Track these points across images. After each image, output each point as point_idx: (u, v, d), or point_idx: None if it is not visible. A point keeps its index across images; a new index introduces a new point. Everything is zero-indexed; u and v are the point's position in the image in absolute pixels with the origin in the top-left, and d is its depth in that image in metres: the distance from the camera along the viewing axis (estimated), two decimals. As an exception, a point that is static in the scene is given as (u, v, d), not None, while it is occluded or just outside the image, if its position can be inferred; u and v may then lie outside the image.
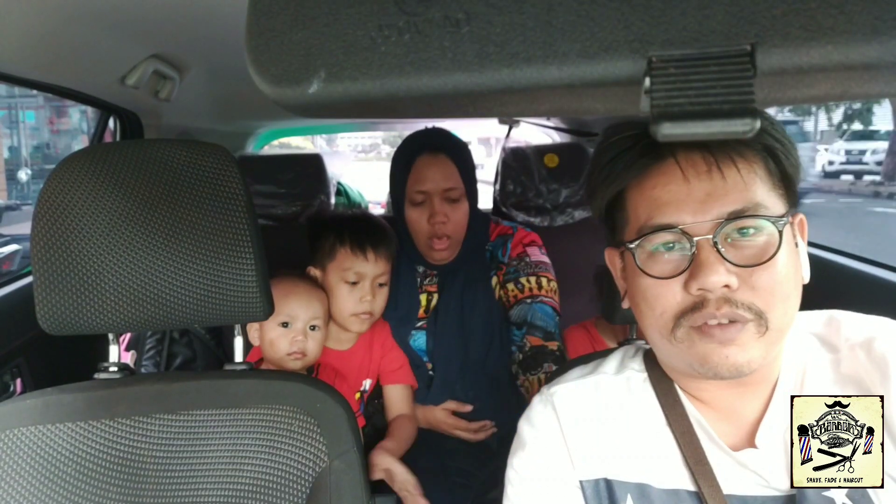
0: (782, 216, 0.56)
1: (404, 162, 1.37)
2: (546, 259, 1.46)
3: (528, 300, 1.39)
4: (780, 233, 0.54)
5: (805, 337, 0.63)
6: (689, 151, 0.56)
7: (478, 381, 1.37)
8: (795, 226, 0.60)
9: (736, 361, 0.54)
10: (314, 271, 1.30)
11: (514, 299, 1.40)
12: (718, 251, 0.54)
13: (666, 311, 0.57)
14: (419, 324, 1.40)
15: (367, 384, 1.34)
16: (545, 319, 1.36)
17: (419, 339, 1.40)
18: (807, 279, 0.59)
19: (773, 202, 0.56)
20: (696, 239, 0.55)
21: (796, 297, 0.57)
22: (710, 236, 0.54)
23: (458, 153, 1.37)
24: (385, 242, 1.29)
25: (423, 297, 1.42)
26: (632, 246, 0.59)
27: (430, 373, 1.39)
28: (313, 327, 1.18)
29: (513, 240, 1.45)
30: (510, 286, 1.41)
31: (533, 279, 1.41)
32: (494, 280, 1.43)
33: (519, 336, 1.37)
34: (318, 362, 1.24)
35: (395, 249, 1.31)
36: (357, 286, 1.26)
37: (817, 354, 0.61)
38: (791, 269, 0.56)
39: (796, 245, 0.59)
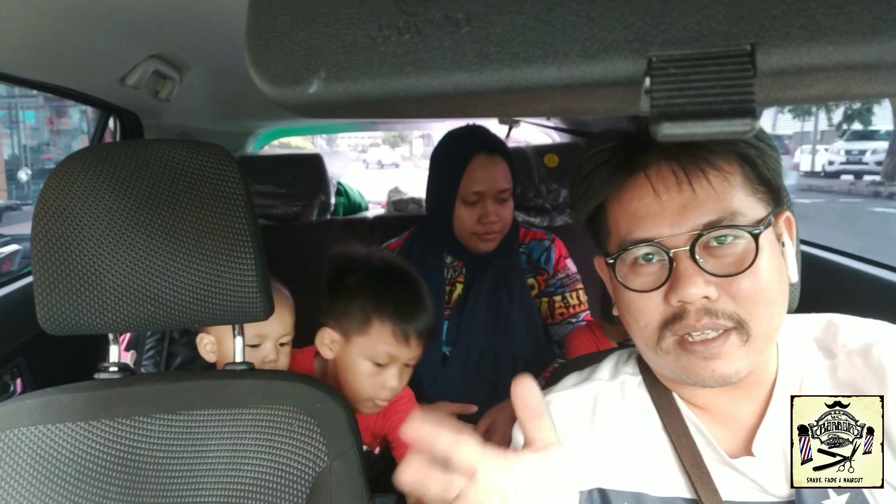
0: (761, 221, 0.55)
1: (459, 160, 1.38)
2: (575, 268, 1.53)
3: (573, 319, 1.46)
4: (757, 240, 0.54)
5: (804, 341, 0.62)
6: (659, 167, 0.57)
7: (509, 366, 1.41)
8: (781, 224, 0.60)
9: (723, 373, 0.55)
10: (329, 333, 1.07)
11: (561, 317, 1.47)
12: (696, 262, 0.54)
13: (650, 322, 0.57)
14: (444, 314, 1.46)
15: None
16: None
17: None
18: (794, 279, 0.59)
19: (751, 208, 0.56)
20: (673, 251, 0.55)
21: (782, 301, 0.57)
22: (687, 248, 0.54)
23: (508, 154, 1.43)
24: (428, 315, 1.06)
25: (447, 288, 1.48)
26: (611, 261, 0.59)
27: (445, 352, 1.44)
28: (283, 343, 1.09)
29: (555, 250, 1.51)
30: (557, 299, 1.48)
31: (574, 294, 1.48)
32: (532, 281, 1.49)
33: (559, 353, 1.45)
34: None
35: (437, 317, 1.11)
36: (384, 368, 1.05)
37: (815, 359, 0.61)
38: (774, 273, 0.56)
39: (782, 245, 0.59)
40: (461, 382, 1.40)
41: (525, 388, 0.46)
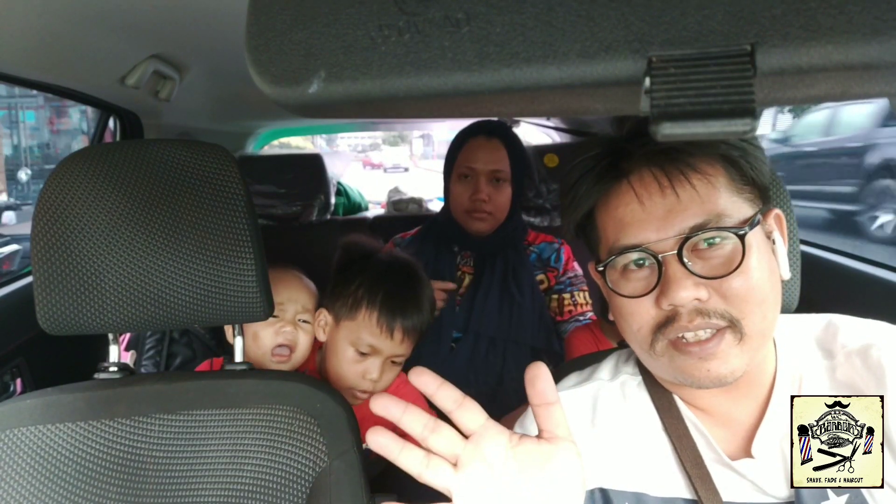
0: (748, 221, 0.56)
1: (458, 141, 1.49)
2: (581, 271, 1.58)
3: (580, 317, 1.50)
4: (743, 240, 0.54)
5: (804, 341, 0.62)
6: (641, 173, 0.57)
7: (515, 357, 1.44)
8: (771, 222, 0.60)
9: (718, 373, 0.55)
10: (324, 315, 1.08)
11: (569, 314, 1.51)
12: (685, 265, 0.54)
13: (642, 327, 0.58)
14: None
15: None
16: None
17: None
18: (786, 276, 0.59)
19: (737, 208, 0.56)
20: (661, 255, 0.55)
21: (774, 299, 0.57)
22: (675, 252, 0.54)
23: (511, 140, 1.48)
24: (420, 314, 1.05)
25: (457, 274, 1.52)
26: (601, 268, 0.60)
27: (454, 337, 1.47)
28: (303, 321, 1.09)
29: (564, 251, 1.56)
30: (566, 297, 1.52)
31: (582, 294, 1.54)
32: (542, 276, 1.54)
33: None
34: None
35: (430, 319, 1.10)
36: (366, 358, 1.04)
37: (814, 360, 0.61)
38: (765, 271, 0.56)
39: (773, 242, 0.59)
40: (467, 371, 1.42)
41: (536, 373, 0.48)
